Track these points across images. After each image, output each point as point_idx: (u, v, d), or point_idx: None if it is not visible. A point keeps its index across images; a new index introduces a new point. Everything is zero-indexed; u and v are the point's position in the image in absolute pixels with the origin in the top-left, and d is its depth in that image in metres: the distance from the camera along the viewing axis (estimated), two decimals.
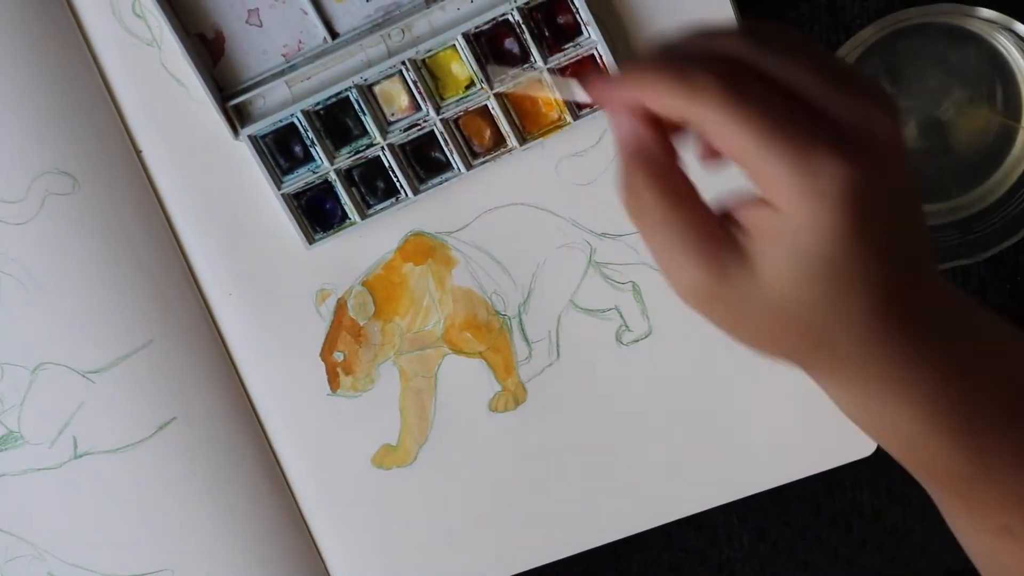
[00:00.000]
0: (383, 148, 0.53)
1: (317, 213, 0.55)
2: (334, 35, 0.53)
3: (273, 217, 0.55)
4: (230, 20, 0.53)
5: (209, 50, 0.53)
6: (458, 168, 0.54)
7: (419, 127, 0.53)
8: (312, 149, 0.53)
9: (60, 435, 0.56)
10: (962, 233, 0.55)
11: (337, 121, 0.54)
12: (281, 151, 0.54)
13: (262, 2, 0.53)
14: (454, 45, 0.52)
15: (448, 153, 0.54)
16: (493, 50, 0.53)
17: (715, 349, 0.55)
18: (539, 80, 0.52)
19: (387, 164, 0.54)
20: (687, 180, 0.38)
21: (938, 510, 0.47)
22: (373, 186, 0.54)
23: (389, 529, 0.58)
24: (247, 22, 0.53)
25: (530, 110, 0.53)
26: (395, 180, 0.54)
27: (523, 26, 0.52)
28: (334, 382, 0.57)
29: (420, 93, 0.53)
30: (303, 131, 0.53)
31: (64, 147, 0.54)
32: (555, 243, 0.55)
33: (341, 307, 0.56)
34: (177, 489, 0.56)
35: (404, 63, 0.53)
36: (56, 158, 0.54)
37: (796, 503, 0.58)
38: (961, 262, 0.54)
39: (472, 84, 0.53)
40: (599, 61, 0.52)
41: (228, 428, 0.56)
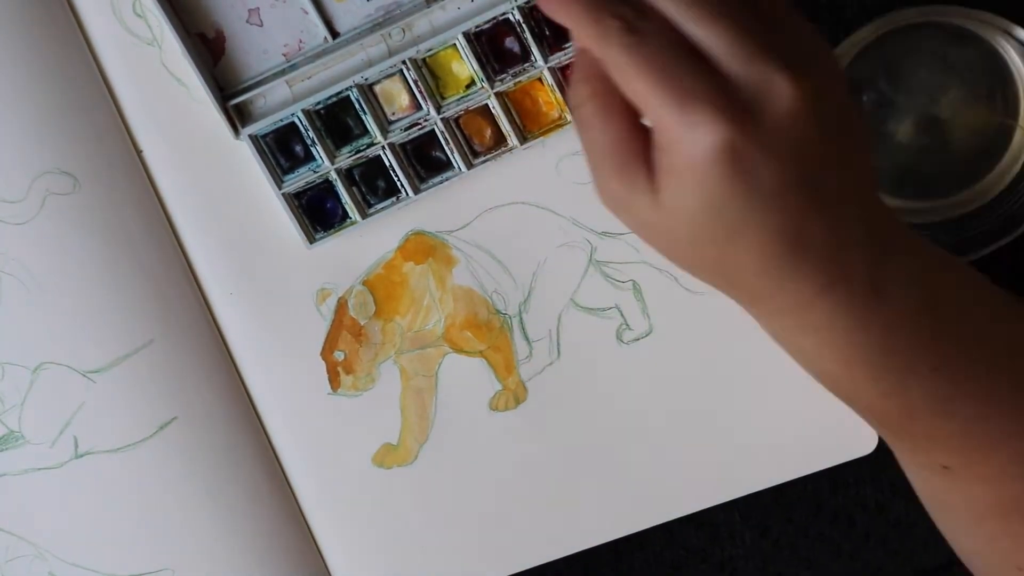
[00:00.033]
0: (384, 147, 0.54)
1: (318, 212, 0.55)
2: (335, 34, 0.53)
3: (274, 216, 0.55)
4: (231, 19, 0.53)
5: (210, 49, 0.53)
6: (459, 167, 0.54)
7: (420, 126, 0.53)
8: (313, 148, 0.54)
9: (61, 435, 0.56)
10: (958, 231, 0.55)
11: (338, 120, 0.54)
12: (282, 150, 0.54)
13: (263, 1, 0.53)
14: (455, 44, 0.53)
15: (449, 152, 0.54)
16: (494, 49, 0.53)
17: (716, 347, 0.56)
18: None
19: (388, 163, 0.54)
20: (626, 98, 0.40)
21: None
22: (374, 185, 0.54)
23: (390, 528, 0.58)
24: (248, 21, 0.53)
25: (531, 109, 0.54)
26: (396, 179, 0.54)
27: (524, 25, 0.52)
28: (335, 381, 0.57)
29: (421, 92, 0.53)
30: (304, 130, 0.53)
31: (64, 147, 0.54)
32: (556, 242, 0.55)
33: (342, 306, 0.56)
34: (178, 489, 0.56)
35: (405, 62, 0.53)
36: (56, 158, 0.54)
37: (798, 500, 0.59)
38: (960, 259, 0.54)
39: (473, 83, 0.53)
40: None
41: (229, 428, 0.56)
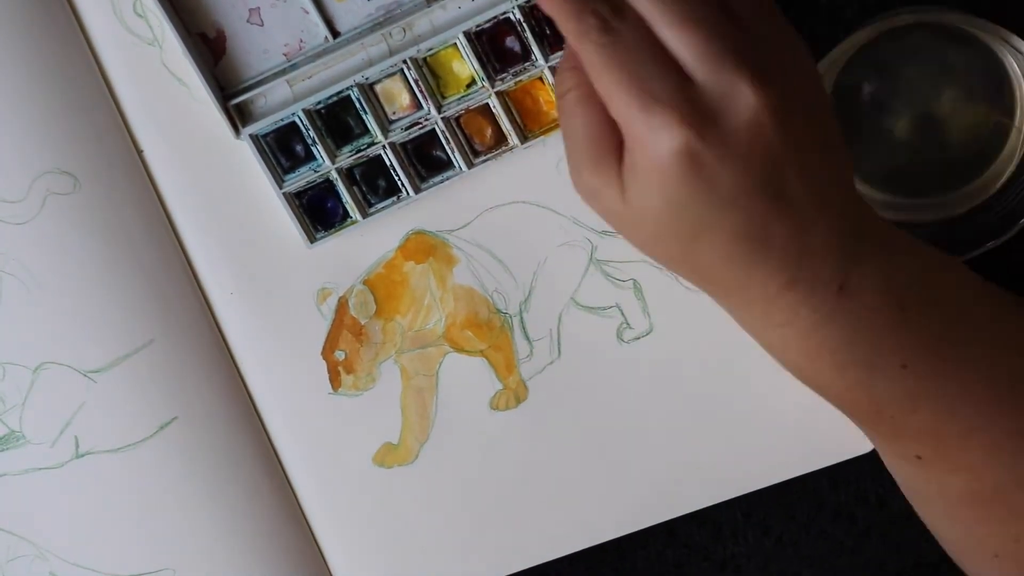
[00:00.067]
0: (384, 147, 0.54)
1: (318, 212, 0.55)
2: (335, 34, 0.53)
3: (274, 216, 0.55)
4: (231, 19, 0.53)
5: (210, 49, 0.53)
6: (459, 166, 0.54)
7: (420, 126, 0.54)
8: (313, 148, 0.54)
9: (61, 435, 0.56)
10: (954, 230, 0.55)
11: (338, 120, 0.54)
12: (282, 150, 0.54)
13: (263, 1, 0.53)
14: (455, 43, 0.53)
15: (449, 151, 0.54)
16: (494, 48, 0.53)
17: (717, 345, 0.56)
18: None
19: (388, 163, 0.54)
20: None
21: None
22: (374, 185, 0.55)
23: (390, 528, 0.58)
24: (248, 21, 0.53)
25: (531, 108, 0.54)
26: (396, 179, 0.54)
27: (524, 24, 0.52)
28: (335, 381, 0.57)
29: (421, 92, 0.53)
30: (304, 130, 0.53)
31: (65, 147, 0.54)
32: (556, 241, 0.56)
33: (342, 306, 0.56)
34: (178, 489, 0.56)
35: (405, 62, 0.53)
36: (57, 158, 0.54)
37: (799, 497, 0.59)
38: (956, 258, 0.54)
39: (473, 82, 0.53)
40: None
41: (229, 427, 0.56)
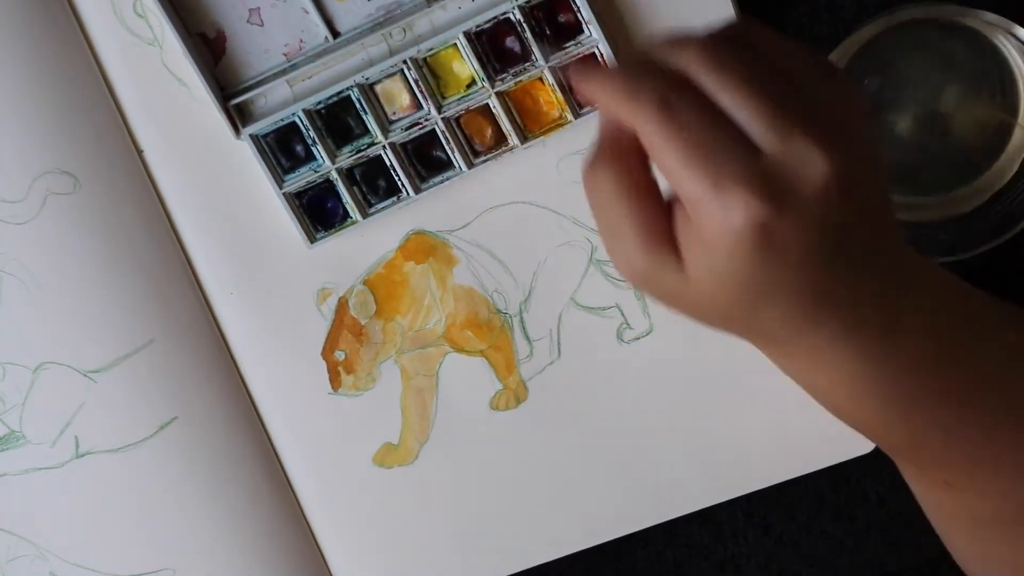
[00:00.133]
0: (384, 147, 0.54)
1: (318, 212, 0.55)
2: (335, 34, 0.53)
3: (274, 216, 0.55)
4: (231, 19, 0.53)
5: (210, 49, 0.53)
6: (459, 167, 0.54)
7: (420, 126, 0.53)
8: (313, 148, 0.54)
9: (61, 435, 0.56)
10: (957, 228, 0.55)
11: (338, 120, 0.54)
12: (282, 150, 0.54)
13: (263, 1, 0.53)
14: (455, 44, 0.53)
15: (449, 152, 0.54)
16: (494, 49, 0.53)
17: (716, 346, 0.56)
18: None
19: (388, 163, 0.54)
20: (647, 172, 0.41)
21: None
22: (374, 185, 0.55)
23: (390, 528, 0.58)
24: (248, 21, 0.53)
25: (531, 108, 0.54)
26: (396, 179, 0.54)
27: (524, 25, 0.52)
28: (335, 381, 0.57)
29: (421, 92, 0.53)
30: (304, 130, 0.53)
31: (65, 147, 0.54)
32: (556, 241, 0.55)
33: (342, 306, 0.56)
34: (178, 488, 0.56)
35: (405, 62, 0.53)
36: (57, 158, 0.54)
37: (800, 497, 0.59)
38: (956, 257, 0.54)
39: (473, 83, 0.53)
40: (600, 59, 0.52)
41: (229, 427, 0.56)
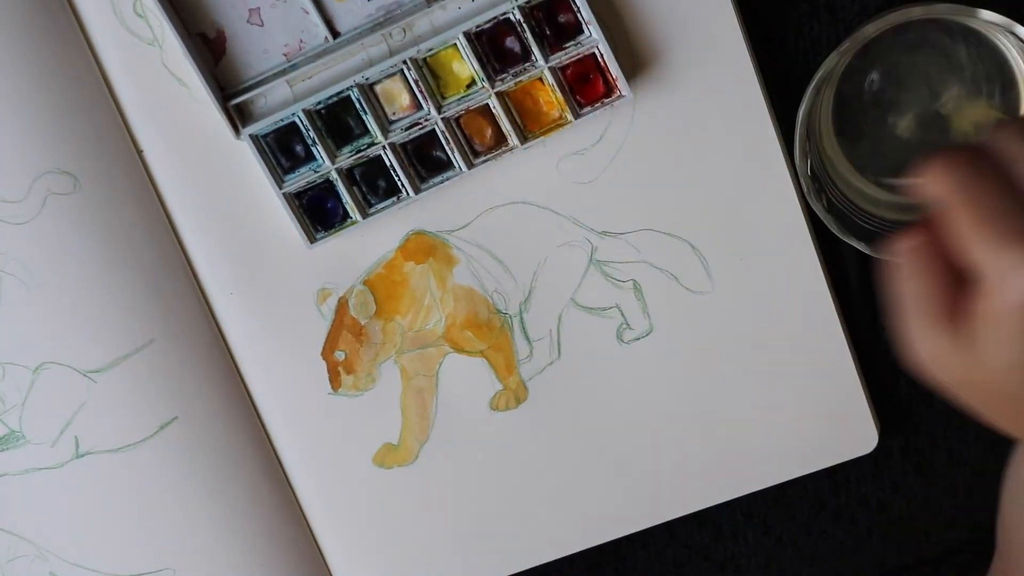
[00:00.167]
0: (384, 147, 0.54)
1: (318, 212, 0.55)
2: (335, 34, 0.53)
3: (274, 216, 0.55)
4: (231, 19, 0.53)
5: (210, 49, 0.53)
6: (459, 167, 0.54)
7: (420, 126, 0.53)
8: (313, 148, 0.54)
9: (62, 435, 0.56)
10: None
11: (338, 120, 0.54)
12: (282, 150, 0.54)
13: (263, 1, 0.53)
14: (455, 44, 0.53)
15: (449, 152, 0.54)
16: (494, 49, 0.53)
17: (716, 347, 0.56)
18: None
19: (388, 163, 0.54)
20: (945, 257, 0.42)
21: (938, 499, 0.48)
22: (374, 185, 0.54)
23: (390, 528, 0.58)
24: (248, 21, 0.53)
25: (531, 109, 0.54)
26: (396, 179, 0.54)
27: (524, 25, 0.52)
28: (335, 381, 0.57)
29: (421, 92, 0.53)
30: (304, 130, 0.53)
31: (65, 147, 0.54)
32: (556, 241, 0.55)
33: (342, 306, 0.56)
34: (178, 489, 0.56)
35: (405, 62, 0.53)
36: (57, 158, 0.54)
37: (800, 497, 0.59)
38: None
39: (473, 83, 0.53)
40: (600, 60, 0.52)
41: (229, 428, 0.56)
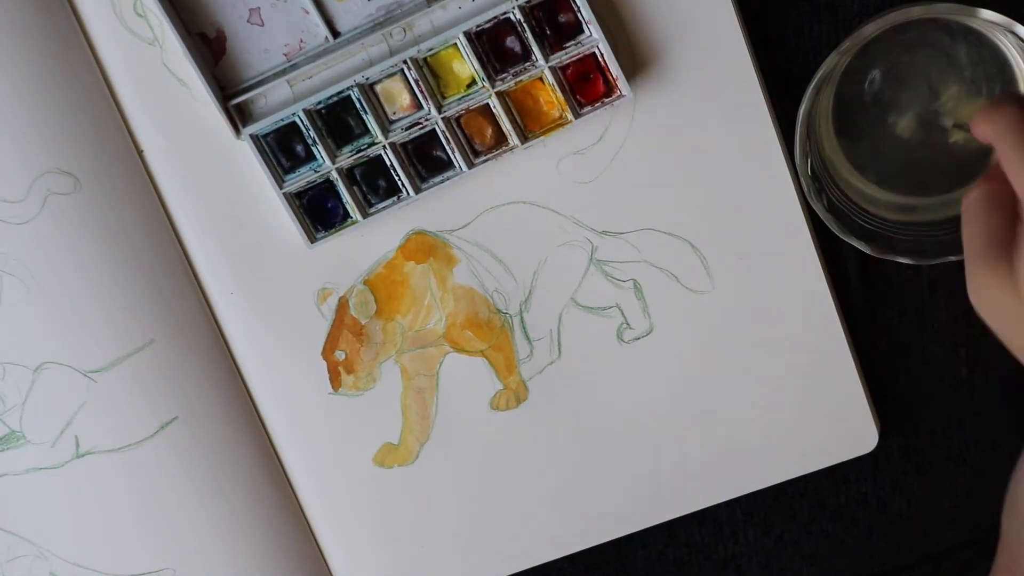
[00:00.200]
0: (385, 147, 0.54)
1: (319, 212, 0.55)
2: (335, 34, 0.53)
3: (275, 216, 0.55)
4: (232, 19, 0.53)
5: (211, 49, 0.53)
6: (460, 167, 0.54)
7: (421, 126, 0.53)
8: (314, 148, 0.54)
9: (62, 435, 0.56)
10: (957, 228, 0.55)
11: (339, 120, 0.54)
12: (283, 150, 0.54)
13: (263, 1, 0.53)
14: (455, 44, 0.53)
15: (450, 152, 0.54)
16: (495, 48, 0.53)
17: (716, 346, 0.56)
18: None
19: (389, 163, 0.54)
20: (1014, 201, 0.45)
21: (938, 498, 0.48)
22: (375, 185, 0.54)
23: (391, 528, 0.58)
24: (248, 21, 0.53)
25: (532, 108, 0.54)
26: (397, 179, 0.54)
27: (524, 24, 0.52)
28: (335, 381, 0.57)
29: (422, 92, 0.53)
30: (305, 130, 0.53)
31: (65, 147, 0.54)
32: (556, 241, 0.55)
33: (343, 306, 0.56)
34: (179, 488, 0.56)
35: (406, 62, 0.53)
36: (57, 158, 0.54)
37: (800, 497, 0.59)
38: (956, 257, 0.54)
39: (473, 82, 0.53)
40: (600, 59, 0.52)
41: (229, 427, 0.56)
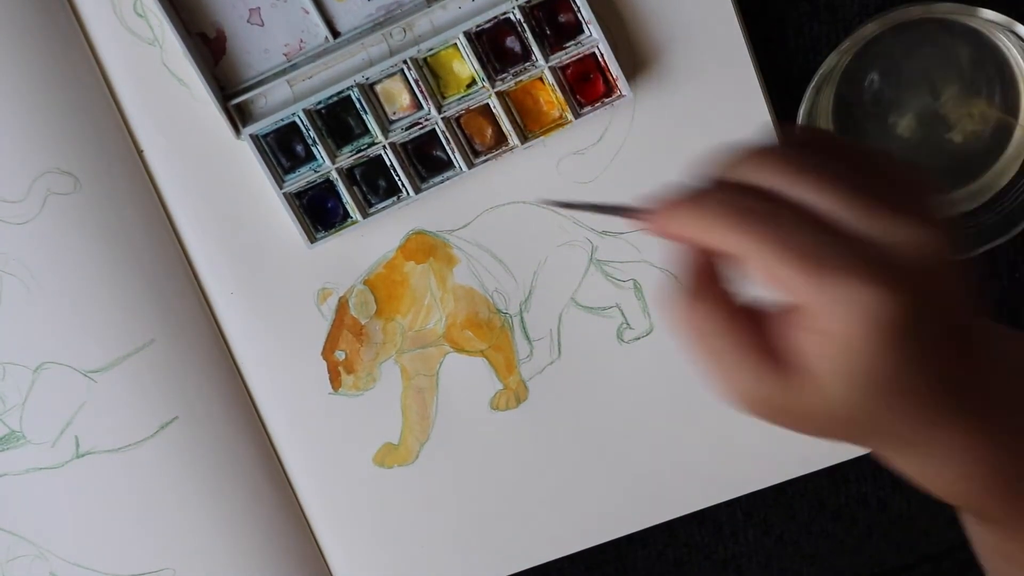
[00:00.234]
0: (385, 147, 0.54)
1: (319, 212, 0.55)
2: (335, 34, 0.53)
3: (275, 216, 0.55)
4: (232, 19, 0.53)
5: (211, 49, 0.53)
6: (459, 167, 0.54)
7: (420, 126, 0.53)
8: (314, 148, 0.54)
9: (62, 435, 0.56)
10: (957, 228, 0.55)
11: (339, 120, 0.54)
12: (283, 150, 0.54)
13: (263, 1, 0.53)
14: (455, 44, 0.53)
15: (449, 152, 0.54)
16: (494, 48, 0.53)
17: None
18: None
19: (389, 163, 0.54)
20: (747, 301, 0.39)
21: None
22: (375, 185, 0.54)
23: (391, 528, 0.58)
24: (248, 21, 0.53)
25: (532, 108, 0.54)
26: (397, 179, 0.54)
27: (524, 24, 0.52)
28: (336, 381, 0.57)
29: (422, 92, 0.53)
30: (305, 130, 0.53)
31: (65, 147, 0.54)
32: (556, 241, 0.55)
33: (343, 306, 0.56)
34: (179, 488, 0.56)
35: (405, 62, 0.53)
36: (57, 158, 0.54)
37: (800, 497, 0.59)
38: (956, 257, 0.54)
39: (473, 83, 0.53)
40: (600, 59, 0.52)
41: (229, 427, 0.56)
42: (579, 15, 0.52)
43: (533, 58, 0.53)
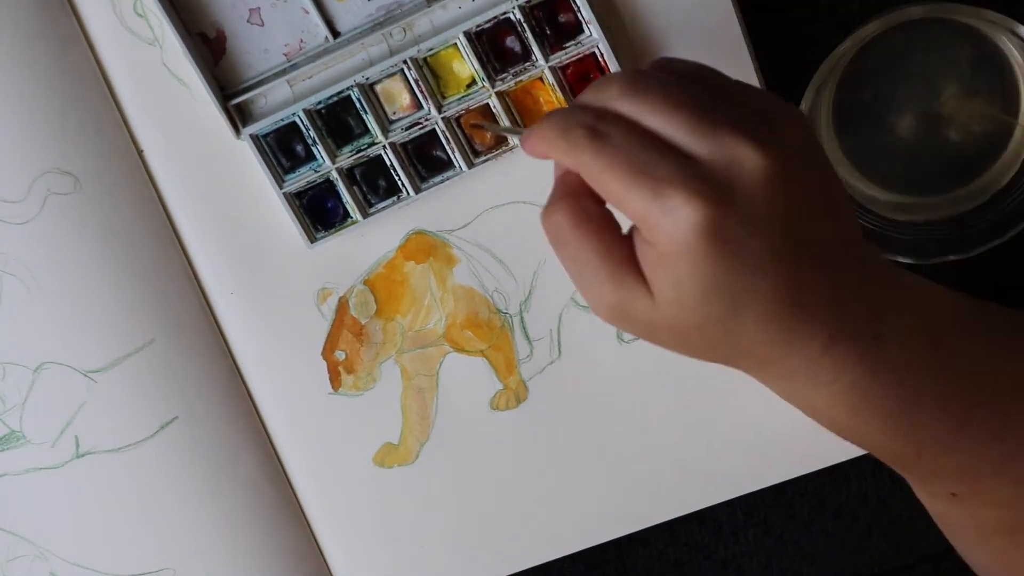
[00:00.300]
0: (385, 147, 0.54)
1: (319, 212, 0.55)
2: (336, 34, 0.53)
3: (275, 216, 0.55)
4: (232, 19, 0.53)
5: (211, 49, 0.53)
6: (460, 167, 0.54)
7: (421, 126, 0.54)
8: (314, 148, 0.54)
9: (62, 434, 0.56)
10: (956, 228, 0.55)
11: (339, 120, 0.54)
12: (283, 150, 0.54)
13: (263, 1, 0.53)
14: (455, 44, 0.53)
15: (450, 152, 0.54)
16: (495, 48, 0.53)
17: None
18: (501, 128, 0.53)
19: (389, 163, 0.54)
20: (600, 207, 0.42)
21: None
22: (375, 185, 0.55)
23: (391, 528, 0.58)
24: (248, 21, 0.53)
25: (532, 108, 0.54)
26: (397, 179, 0.54)
27: (524, 24, 0.52)
28: (335, 381, 0.57)
29: (422, 92, 0.53)
30: (305, 130, 0.53)
31: (65, 147, 0.54)
32: None
33: (343, 306, 0.56)
34: (179, 488, 0.56)
35: (406, 62, 0.53)
36: (57, 158, 0.54)
37: (800, 496, 0.59)
38: (956, 257, 0.54)
39: (473, 82, 0.53)
40: (600, 59, 0.52)
41: (229, 427, 0.56)
42: (579, 15, 0.52)
43: (533, 58, 0.53)
